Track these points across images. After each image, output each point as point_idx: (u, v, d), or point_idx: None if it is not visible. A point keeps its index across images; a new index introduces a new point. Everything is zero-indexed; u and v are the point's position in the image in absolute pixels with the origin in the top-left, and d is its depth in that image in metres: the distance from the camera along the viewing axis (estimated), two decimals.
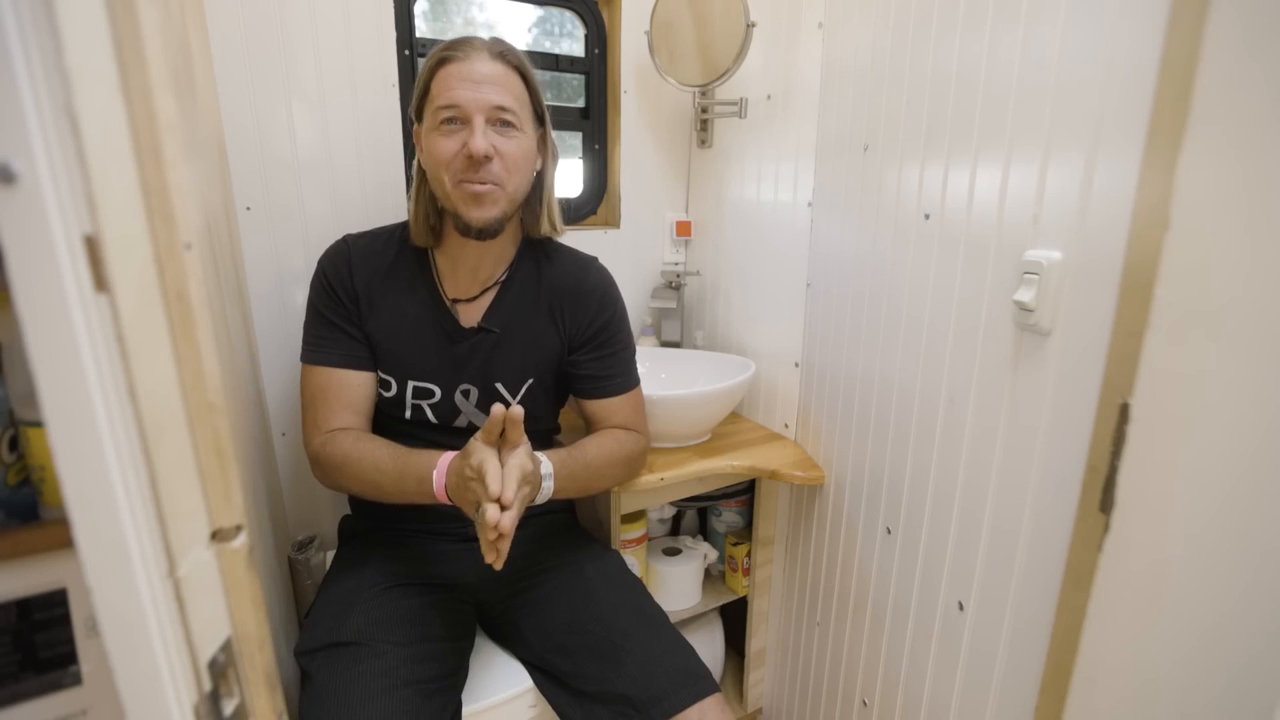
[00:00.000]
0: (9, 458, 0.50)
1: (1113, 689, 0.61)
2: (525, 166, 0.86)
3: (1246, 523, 0.50)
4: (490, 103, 0.80)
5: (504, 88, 0.82)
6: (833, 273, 1.06)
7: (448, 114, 0.80)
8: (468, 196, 0.82)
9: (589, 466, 0.89)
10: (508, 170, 0.83)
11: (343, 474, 0.84)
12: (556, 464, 0.83)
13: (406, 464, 0.81)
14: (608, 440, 0.94)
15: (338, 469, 0.84)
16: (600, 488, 0.95)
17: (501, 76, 0.82)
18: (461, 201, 0.83)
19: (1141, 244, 0.56)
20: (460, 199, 0.83)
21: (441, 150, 0.81)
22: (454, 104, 0.80)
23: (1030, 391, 0.72)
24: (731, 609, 1.35)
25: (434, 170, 0.83)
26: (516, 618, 0.92)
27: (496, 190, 0.83)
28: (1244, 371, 0.49)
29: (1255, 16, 0.47)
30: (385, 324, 0.89)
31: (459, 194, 0.82)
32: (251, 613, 0.35)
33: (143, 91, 0.28)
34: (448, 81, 0.80)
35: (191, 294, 0.31)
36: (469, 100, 0.79)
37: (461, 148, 0.80)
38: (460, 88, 0.79)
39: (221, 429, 0.33)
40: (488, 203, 0.83)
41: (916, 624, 0.92)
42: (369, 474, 0.82)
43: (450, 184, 0.82)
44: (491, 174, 0.82)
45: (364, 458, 0.82)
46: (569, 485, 0.86)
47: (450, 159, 0.81)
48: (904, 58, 0.88)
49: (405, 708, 0.73)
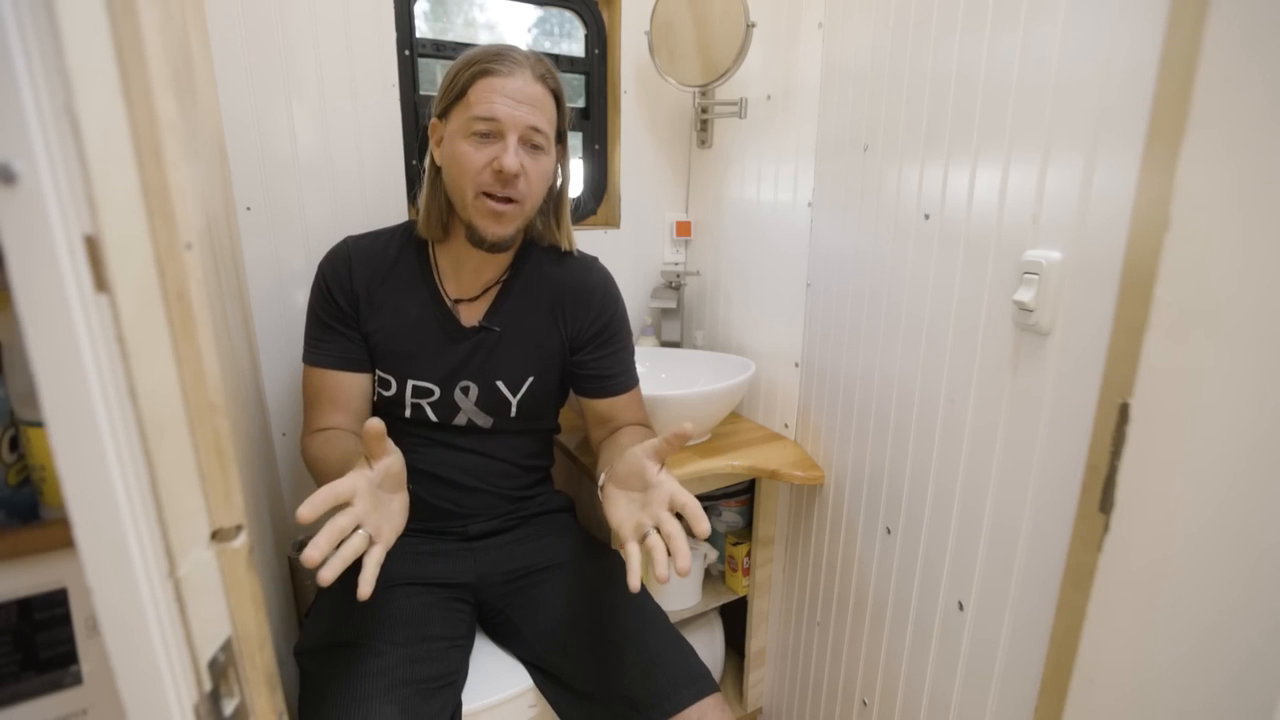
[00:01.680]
0: (9, 458, 0.50)
1: (1112, 688, 0.61)
2: (544, 185, 0.88)
3: (1246, 521, 0.50)
4: (527, 123, 0.81)
5: (541, 110, 0.83)
6: (833, 273, 1.06)
7: (484, 127, 0.80)
8: (488, 213, 0.83)
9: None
10: (530, 189, 0.84)
11: (314, 474, 0.86)
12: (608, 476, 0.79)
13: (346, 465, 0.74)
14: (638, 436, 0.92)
15: (311, 469, 0.86)
16: None
17: (540, 99, 0.83)
18: (479, 215, 0.84)
19: (1141, 244, 0.56)
20: (479, 213, 0.83)
21: (470, 160, 0.81)
22: (493, 118, 0.80)
23: (1030, 391, 0.72)
24: (731, 609, 1.35)
25: (456, 177, 0.84)
26: (516, 617, 0.92)
27: (515, 209, 0.84)
28: (1244, 371, 0.49)
29: (1254, 18, 0.47)
30: (385, 323, 0.90)
31: (480, 207, 0.83)
32: (251, 613, 0.35)
33: (143, 92, 0.28)
34: (489, 94, 0.80)
35: (192, 294, 0.31)
36: (508, 117, 0.80)
37: (491, 162, 0.81)
38: (501, 103, 0.80)
39: (222, 429, 0.33)
40: (506, 220, 0.84)
41: (916, 624, 0.92)
42: (323, 476, 0.82)
43: (471, 195, 0.83)
44: (516, 192, 0.83)
45: (321, 459, 0.83)
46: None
47: (478, 171, 0.81)
48: (904, 58, 0.88)
49: (405, 708, 0.73)
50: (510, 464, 0.97)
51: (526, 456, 0.99)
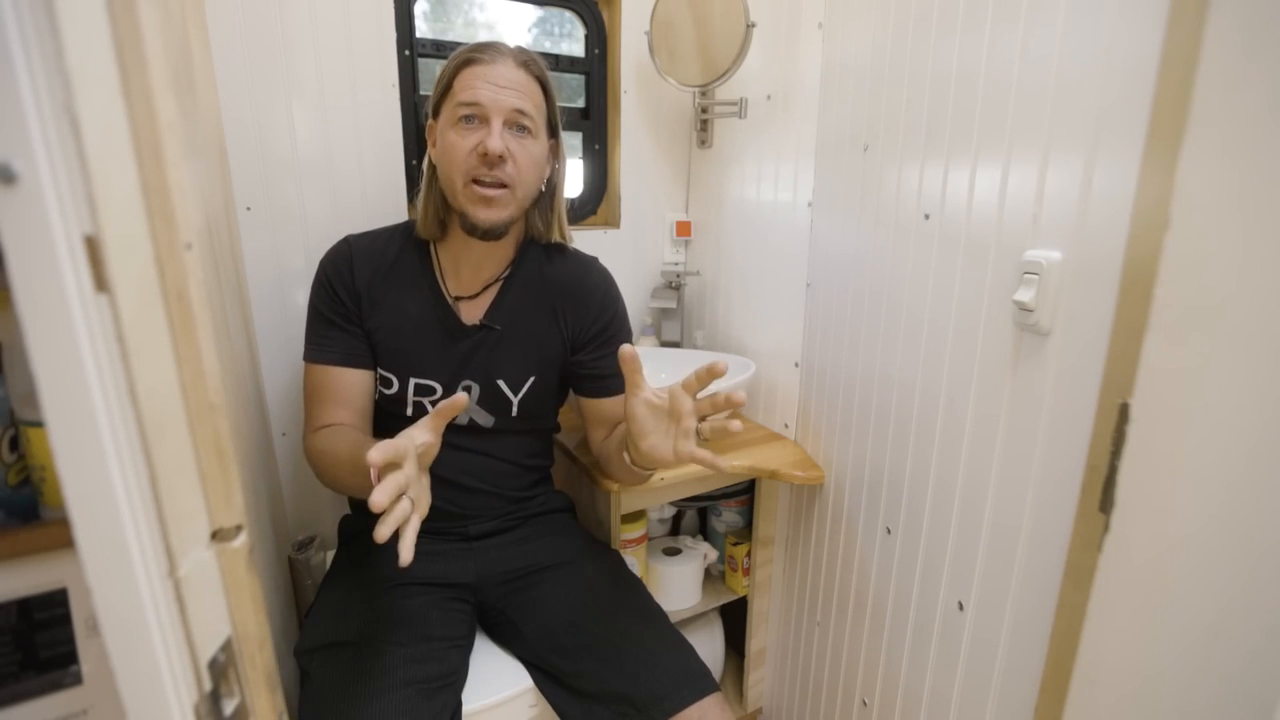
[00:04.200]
0: (9, 458, 0.50)
1: (1112, 688, 0.61)
2: (535, 172, 0.88)
3: (1246, 521, 0.50)
4: (510, 105, 0.82)
5: (524, 94, 0.84)
6: (833, 273, 1.06)
7: (467, 111, 0.82)
8: (477, 198, 0.83)
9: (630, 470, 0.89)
10: (519, 173, 0.85)
11: (320, 470, 0.86)
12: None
13: (357, 457, 0.76)
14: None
15: (316, 465, 0.86)
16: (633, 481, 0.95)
17: (523, 83, 0.84)
18: (470, 202, 0.84)
19: (1141, 244, 0.56)
20: (469, 199, 0.84)
21: (456, 146, 0.82)
22: (475, 102, 0.81)
23: (1030, 391, 0.72)
24: (731, 609, 1.35)
25: (446, 167, 0.85)
26: (516, 617, 0.92)
27: (506, 194, 0.84)
28: (1244, 371, 0.49)
29: (1254, 18, 0.47)
30: (387, 321, 0.90)
31: (469, 194, 0.84)
32: (252, 613, 0.35)
33: (143, 92, 0.28)
34: (471, 81, 0.82)
35: (192, 294, 0.31)
36: (490, 100, 0.81)
37: (476, 145, 0.82)
38: (483, 88, 0.81)
39: (222, 429, 0.33)
40: (497, 205, 0.84)
41: (916, 624, 0.92)
42: (333, 469, 0.83)
43: (461, 183, 0.83)
44: (504, 174, 0.83)
45: (329, 453, 0.83)
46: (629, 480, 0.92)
47: (464, 156, 0.82)
48: (904, 58, 0.88)
49: (404, 708, 0.73)
50: (511, 464, 0.97)
51: (527, 456, 0.99)
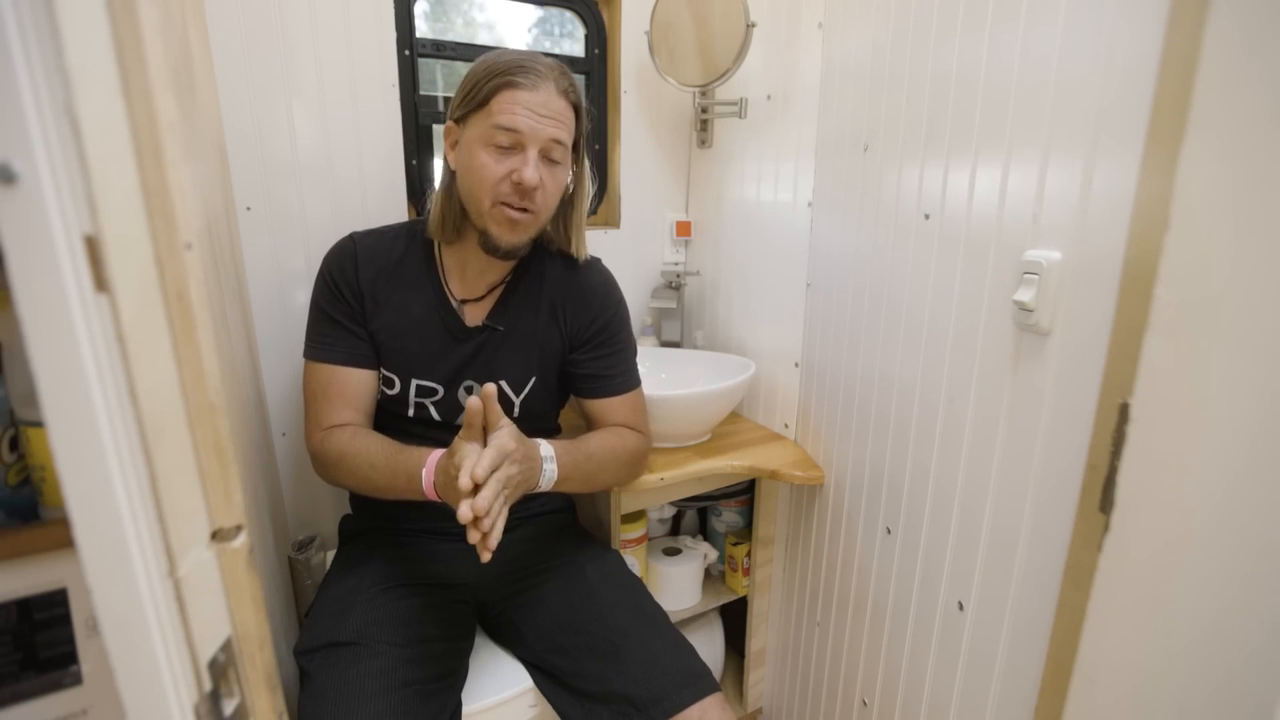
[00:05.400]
0: (9, 458, 0.50)
1: (1112, 687, 0.61)
2: (559, 196, 0.89)
3: (1246, 520, 0.50)
4: (549, 136, 0.82)
5: (563, 123, 0.84)
6: (833, 273, 1.06)
7: (506, 139, 0.81)
8: (505, 220, 0.84)
9: (591, 458, 0.89)
10: (546, 200, 0.85)
11: (339, 470, 0.85)
12: (559, 450, 0.84)
13: (398, 461, 0.80)
14: (610, 436, 0.94)
15: (334, 465, 0.85)
16: (603, 483, 0.95)
17: (562, 111, 0.84)
18: (495, 223, 0.84)
19: (1141, 244, 0.56)
20: (496, 220, 0.84)
21: (489, 171, 0.82)
22: (516, 130, 0.80)
23: (1030, 391, 0.72)
24: (731, 609, 1.35)
25: (472, 185, 0.84)
26: (516, 617, 0.92)
27: (531, 219, 0.85)
28: (1243, 370, 0.49)
29: (1254, 18, 0.47)
30: (390, 322, 0.89)
31: (496, 215, 0.84)
32: (251, 613, 0.35)
33: (143, 92, 0.28)
34: (513, 106, 0.80)
35: (192, 294, 0.31)
36: (530, 130, 0.81)
37: (510, 174, 0.81)
38: (525, 116, 0.80)
39: (221, 429, 0.33)
40: (521, 229, 0.85)
41: (916, 624, 0.92)
42: (363, 470, 0.82)
43: (489, 204, 0.83)
44: (534, 203, 0.84)
45: (359, 454, 0.83)
46: (573, 474, 0.85)
47: (497, 181, 0.82)
48: (904, 58, 0.88)
49: (404, 708, 0.73)
50: None
51: None
